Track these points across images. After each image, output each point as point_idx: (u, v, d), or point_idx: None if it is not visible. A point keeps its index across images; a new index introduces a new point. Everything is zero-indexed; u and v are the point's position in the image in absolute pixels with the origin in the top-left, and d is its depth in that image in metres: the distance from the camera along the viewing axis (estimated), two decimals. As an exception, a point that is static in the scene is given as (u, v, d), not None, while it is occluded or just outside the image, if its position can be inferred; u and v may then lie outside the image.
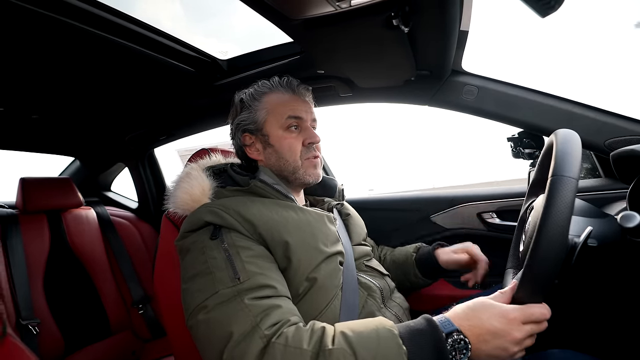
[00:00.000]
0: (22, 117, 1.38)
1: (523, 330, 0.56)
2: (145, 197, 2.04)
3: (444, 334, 0.56)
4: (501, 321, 0.56)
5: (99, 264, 1.65)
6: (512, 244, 0.90)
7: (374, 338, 0.56)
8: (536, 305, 0.57)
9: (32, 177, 1.60)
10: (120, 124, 1.67)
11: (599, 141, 1.05)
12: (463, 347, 0.55)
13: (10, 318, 1.31)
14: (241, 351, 0.57)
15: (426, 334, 0.57)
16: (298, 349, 0.56)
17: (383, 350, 0.55)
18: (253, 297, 0.62)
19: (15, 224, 1.48)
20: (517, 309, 0.57)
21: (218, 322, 0.61)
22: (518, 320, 0.56)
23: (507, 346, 0.56)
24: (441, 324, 0.57)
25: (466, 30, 0.96)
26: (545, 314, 0.57)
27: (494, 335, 0.56)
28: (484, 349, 0.56)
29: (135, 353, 1.63)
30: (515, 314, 0.56)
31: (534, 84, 1.11)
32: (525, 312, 0.57)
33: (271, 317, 0.60)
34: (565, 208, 0.53)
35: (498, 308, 0.58)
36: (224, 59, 1.22)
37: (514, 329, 0.56)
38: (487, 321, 0.57)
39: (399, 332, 0.58)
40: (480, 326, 0.57)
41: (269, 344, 0.57)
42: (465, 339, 0.56)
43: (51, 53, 0.95)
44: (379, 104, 1.35)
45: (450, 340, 0.56)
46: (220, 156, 1.02)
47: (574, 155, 0.58)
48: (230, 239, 0.71)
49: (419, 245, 1.14)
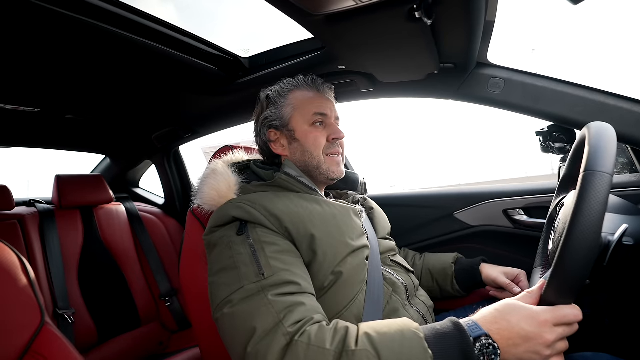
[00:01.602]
0: (57, 117, 1.45)
1: (555, 333, 0.54)
2: (171, 193, 2.10)
3: (471, 339, 0.54)
4: (531, 324, 0.54)
5: (128, 258, 1.72)
6: (541, 242, 0.87)
7: (399, 340, 0.56)
8: (567, 307, 0.55)
9: (66, 175, 1.68)
10: (148, 122, 1.73)
11: (636, 134, 0.99)
12: (492, 352, 0.54)
13: (48, 308, 1.39)
14: (264, 347, 0.57)
15: (453, 338, 0.55)
16: (321, 349, 0.56)
17: (407, 353, 0.54)
18: (277, 294, 0.63)
19: (51, 219, 1.57)
20: (548, 311, 0.55)
21: (242, 317, 0.62)
22: (549, 322, 0.54)
23: (539, 349, 0.54)
24: (469, 328, 0.56)
25: (492, 21, 0.92)
26: (578, 316, 0.55)
27: (524, 339, 0.54)
28: (513, 352, 0.54)
29: (163, 343, 1.69)
30: (546, 316, 0.54)
31: (566, 77, 1.06)
32: (556, 314, 0.55)
33: (294, 314, 0.60)
34: (598, 205, 0.50)
35: (527, 310, 0.56)
36: (246, 56, 1.24)
37: (546, 332, 0.54)
38: (517, 324, 0.55)
39: (425, 334, 0.56)
40: (510, 329, 0.55)
41: (291, 342, 0.57)
42: (494, 343, 0.54)
43: (83, 56, 0.99)
44: (401, 98, 1.33)
45: (478, 344, 0.54)
46: (243, 153, 1.03)
47: (608, 149, 0.55)
48: (255, 234, 0.72)
49: (457, 256, 1.11)
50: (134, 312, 1.65)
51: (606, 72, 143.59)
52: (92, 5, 0.81)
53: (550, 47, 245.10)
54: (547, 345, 0.54)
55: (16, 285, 0.77)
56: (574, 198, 0.54)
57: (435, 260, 1.12)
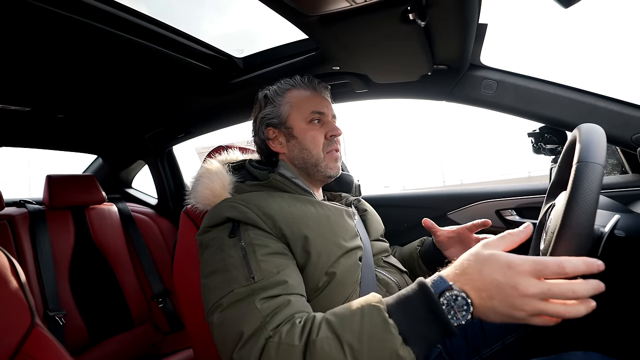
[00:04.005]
0: (48, 116, 1.43)
1: (535, 286, 0.46)
2: (164, 194, 2.08)
3: (436, 295, 0.51)
4: (505, 273, 0.47)
5: (120, 258, 1.70)
6: (532, 246, 0.87)
7: (358, 318, 0.54)
8: (552, 259, 0.46)
9: (57, 175, 1.66)
10: (140, 122, 1.72)
11: (626, 136, 1.01)
12: (463, 304, 0.49)
13: (38, 309, 1.37)
14: (247, 351, 0.57)
15: (416, 300, 0.52)
16: (290, 346, 0.55)
17: (368, 329, 0.52)
18: (265, 297, 0.63)
19: (42, 220, 1.55)
20: (527, 260, 0.47)
21: (231, 321, 0.62)
22: (527, 273, 0.47)
23: (516, 302, 0.46)
24: (433, 284, 0.52)
25: (485, 23, 0.93)
26: (563, 269, 0.45)
27: (498, 289, 0.48)
28: (489, 305, 0.48)
29: (156, 345, 1.68)
30: (525, 266, 0.47)
31: (556, 78, 1.08)
32: (536, 265, 0.47)
33: (279, 316, 0.60)
34: (591, 193, 0.50)
35: (503, 258, 0.49)
36: (240, 56, 1.23)
37: (521, 282, 0.46)
38: (489, 274, 0.49)
39: (387, 305, 0.54)
40: (482, 280, 0.49)
41: (266, 343, 0.57)
42: (461, 294, 0.50)
43: (75, 55, 0.98)
44: (395, 99, 1.34)
45: (443, 299, 0.50)
46: (238, 152, 1.03)
47: (599, 143, 0.55)
48: (247, 237, 0.71)
49: (424, 239, 1.09)
50: (126, 313, 1.63)
51: (600, 73, 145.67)
52: (84, 4, 0.81)
53: (545, 49, 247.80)
54: (523, 296, 0.46)
55: (6, 287, 0.76)
56: (566, 195, 0.54)
57: (406, 248, 1.13)
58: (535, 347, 0.87)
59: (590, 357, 0.68)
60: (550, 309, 0.46)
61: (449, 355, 0.91)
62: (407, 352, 0.51)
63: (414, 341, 0.51)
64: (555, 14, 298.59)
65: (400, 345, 0.51)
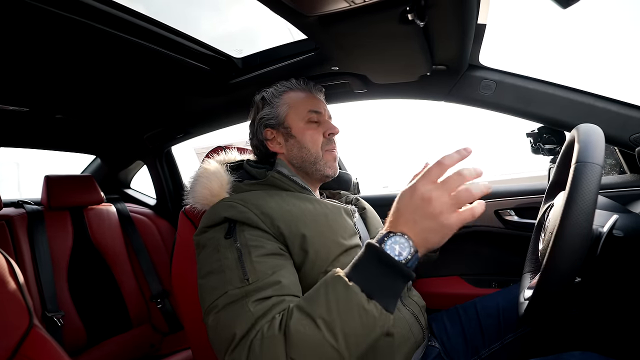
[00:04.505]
0: (46, 117, 1.43)
1: (436, 187, 0.53)
2: (163, 194, 2.08)
3: (379, 246, 0.55)
4: (411, 194, 0.54)
5: (119, 259, 1.70)
6: (530, 248, 0.87)
7: (322, 292, 0.57)
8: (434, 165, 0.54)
9: (56, 175, 1.65)
10: (139, 122, 1.71)
11: (624, 136, 1.01)
12: (402, 242, 0.54)
13: (37, 310, 1.36)
14: (238, 353, 0.58)
15: (366, 258, 0.57)
16: (272, 338, 0.56)
17: (334, 298, 0.55)
18: (259, 299, 0.63)
19: (40, 220, 1.54)
20: (418, 178, 0.55)
21: (225, 323, 0.62)
22: (422, 183, 0.54)
23: (432, 209, 0.52)
24: (377, 240, 0.56)
25: (484, 24, 0.93)
26: (443, 161, 0.53)
27: (414, 210, 0.54)
28: (418, 231, 0.53)
29: (154, 346, 1.67)
30: (419, 181, 0.54)
31: (555, 79, 1.08)
32: (425, 172, 0.54)
33: (268, 317, 0.60)
34: (590, 193, 0.51)
35: (406, 187, 0.56)
36: (239, 57, 1.23)
37: (423, 190, 0.53)
38: (404, 205, 0.55)
39: (346, 272, 0.58)
40: (402, 212, 0.55)
41: (251, 342, 0.57)
42: (396, 234, 0.54)
43: (74, 55, 0.97)
44: (394, 100, 1.34)
45: (385, 246, 0.54)
46: (236, 153, 1.04)
47: (598, 143, 0.56)
48: (243, 237, 0.71)
49: None
50: (124, 314, 1.63)
51: (599, 73, 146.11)
52: (82, 4, 0.80)
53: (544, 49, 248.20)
54: (430, 199, 0.52)
55: (4, 288, 0.76)
56: (564, 196, 0.55)
57: None
58: (534, 347, 0.87)
59: (588, 357, 0.68)
60: (458, 196, 0.52)
61: (447, 356, 0.91)
62: (372, 305, 0.54)
63: (377, 294, 0.55)
64: (554, 14, 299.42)
65: (365, 301, 0.54)
